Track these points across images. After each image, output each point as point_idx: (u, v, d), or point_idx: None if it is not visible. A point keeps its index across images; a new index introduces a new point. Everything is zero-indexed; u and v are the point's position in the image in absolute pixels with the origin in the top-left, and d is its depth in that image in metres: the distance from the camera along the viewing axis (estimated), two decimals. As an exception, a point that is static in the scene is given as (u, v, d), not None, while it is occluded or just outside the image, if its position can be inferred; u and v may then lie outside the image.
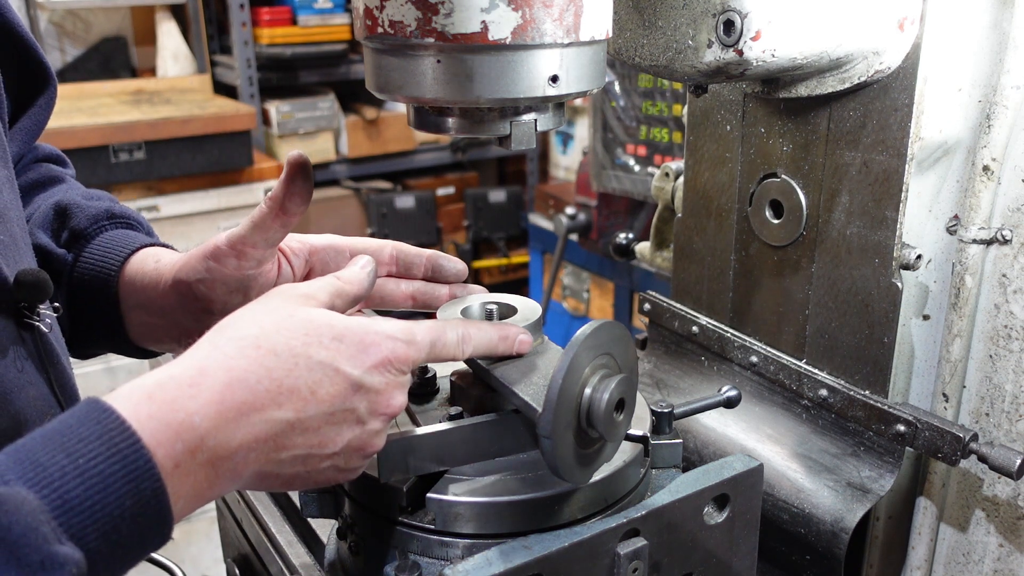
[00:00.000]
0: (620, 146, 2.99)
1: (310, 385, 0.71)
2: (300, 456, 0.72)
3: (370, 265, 0.87)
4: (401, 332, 0.77)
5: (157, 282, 1.01)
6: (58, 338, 0.94)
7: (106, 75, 4.12)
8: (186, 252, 1.02)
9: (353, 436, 0.74)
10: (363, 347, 0.74)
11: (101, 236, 1.07)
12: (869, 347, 1.04)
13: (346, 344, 0.73)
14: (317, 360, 0.72)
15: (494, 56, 0.74)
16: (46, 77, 1.04)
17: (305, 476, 0.74)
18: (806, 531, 1.06)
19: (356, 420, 0.74)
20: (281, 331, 0.72)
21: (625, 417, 0.77)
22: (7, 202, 0.90)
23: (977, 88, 0.99)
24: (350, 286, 0.83)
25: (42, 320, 0.87)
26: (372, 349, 0.74)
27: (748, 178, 1.15)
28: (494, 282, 4.85)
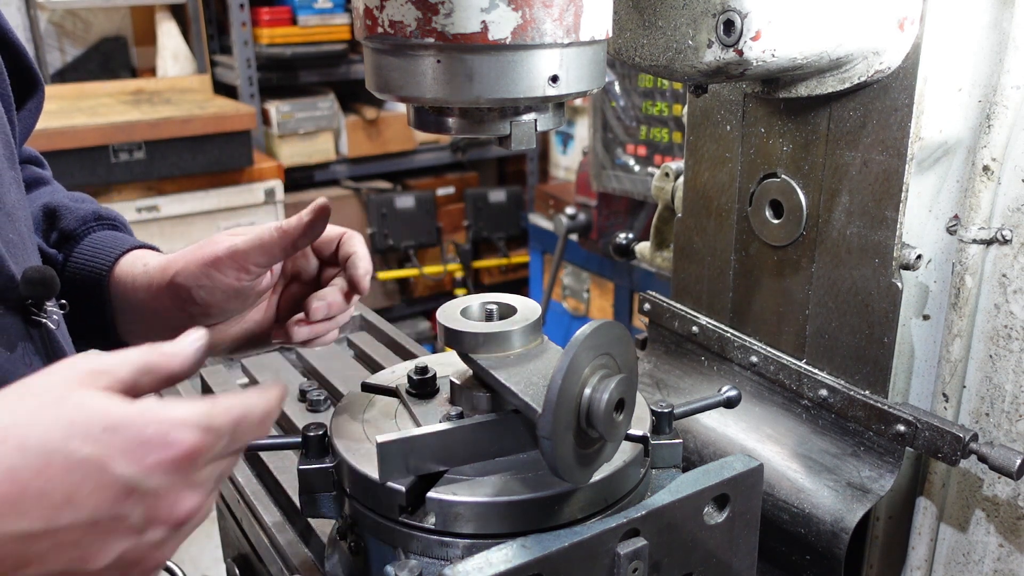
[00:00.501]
0: (620, 146, 2.99)
1: (65, 489, 0.59)
2: (55, 574, 0.60)
3: (201, 340, 0.71)
4: (196, 417, 0.64)
5: (148, 284, 1.02)
6: (65, 335, 0.94)
7: (106, 75, 4.12)
8: (177, 253, 1.02)
9: (127, 549, 0.62)
10: (142, 440, 0.61)
11: (89, 237, 1.08)
12: (869, 347, 1.04)
13: (120, 436, 0.60)
14: (78, 458, 0.59)
15: (494, 56, 0.74)
16: (35, 81, 1.05)
17: None
18: (806, 531, 1.06)
19: (129, 530, 0.61)
20: (39, 421, 0.59)
21: (625, 417, 0.77)
22: (15, 202, 0.90)
23: (977, 88, 0.99)
24: (167, 360, 0.68)
25: (49, 317, 0.88)
26: (154, 442, 0.61)
27: (748, 178, 1.15)
28: (494, 282, 4.85)
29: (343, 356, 1.46)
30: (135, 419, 0.61)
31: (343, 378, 1.35)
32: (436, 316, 0.92)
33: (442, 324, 0.90)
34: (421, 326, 4.74)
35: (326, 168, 4.31)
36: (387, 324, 1.53)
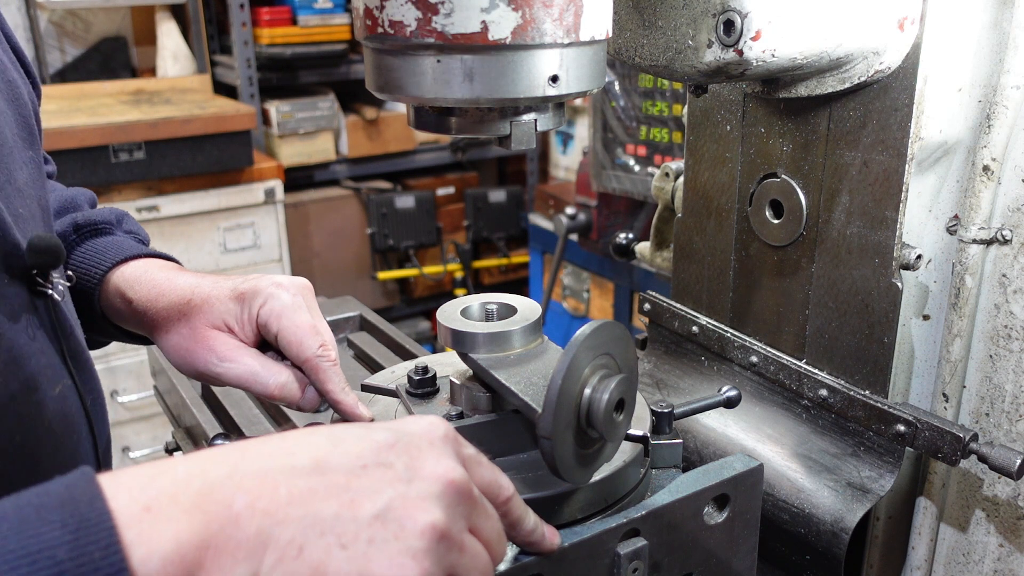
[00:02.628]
0: (620, 146, 2.99)
1: (336, 438, 0.62)
2: (328, 519, 0.57)
3: (543, 536, 0.73)
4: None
5: (156, 300, 1.01)
6: (71, 309, 0.94)
7: (106, 75, 4.12)
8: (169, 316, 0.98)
9: (393, 497, 0.59)
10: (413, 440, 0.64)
11: (71, 259, 1.07)
12: (869, 347, 1.04)
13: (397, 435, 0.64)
14: (352, 431, 0.63)
15: (494, 56, 0.74)
16: (34, 85, 1.06)
17: (345, 560, 0.57)
18: (806, 531, 1.06)
19: (395, 477, 0.60)
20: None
21: (625, 417, 0.77)
22: (28, 180, 0.90)
23: (977, 88, 0.99)
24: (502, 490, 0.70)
25: (55, 288, 0.87)
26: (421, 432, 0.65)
27: (748, 178, 1.15)
28: (494, 282, 4.85)
29: (343, 356, 1.46)
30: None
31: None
32: (436, 316, 0.92)
33: (442, 324, 0.90)
34: (421, 326, 4.74)
35: (326, 168, 4.31)
36: (387, 324, 1.53)
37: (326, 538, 0.56)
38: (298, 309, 0.94)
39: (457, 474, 0.63)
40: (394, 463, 0.61)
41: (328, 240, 4.31)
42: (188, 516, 0.53)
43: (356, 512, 0.58)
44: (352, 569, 0.56)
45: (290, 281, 0.96)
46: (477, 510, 0.65)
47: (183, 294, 0.98)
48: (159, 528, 0.52)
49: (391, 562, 0.57)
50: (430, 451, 0.63)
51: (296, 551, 0.55)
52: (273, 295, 0.94)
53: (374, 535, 0.57)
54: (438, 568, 0.59)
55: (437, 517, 0.60)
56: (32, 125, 0.97)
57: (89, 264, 1.06)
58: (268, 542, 0.55)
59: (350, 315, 1.56)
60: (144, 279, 1.04)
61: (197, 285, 0.98)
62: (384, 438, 0.62)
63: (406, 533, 0.58)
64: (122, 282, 1.05)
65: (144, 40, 4.26)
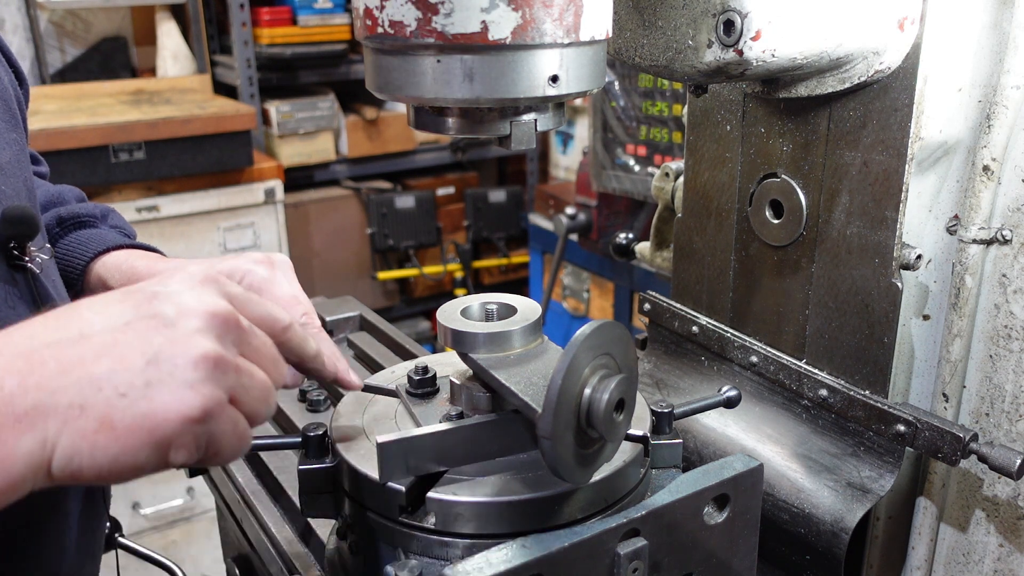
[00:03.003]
0: (620, 146, 2.99)
1: (97, 307, 0.65)
2: (103, 376, 0.61)
3: (324, 361, 0.80)
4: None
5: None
6: (53, 282, 0.94)
7: (106, 75, 4.12)
8: None
9: (163, 341, 0.63)
10: (166, 277, 0.70)
11: (56, 251, 1.08)
12: (869, 347, 1.04)
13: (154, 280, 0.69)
14: (115, 295, 0.66)
15: (494, 56, 0.74)
16: (19, 78, 1.06)
17: (127, 406, 0.61)
18: (806, 531, 1.06)
19: (161, 323, 0.64)
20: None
21: (625, 417, 0.77)
22: (10, 160, 0.91)
23: (977, 88, 0.99)
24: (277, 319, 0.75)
25: (32, 260, 0.87)
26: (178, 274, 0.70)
27: (748, 178, 1.15)
28: (494, 282, 4.85)
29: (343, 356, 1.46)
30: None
31: (343, 378, 1.35)
32: (436, 316, 0.92)
33: (442, 324, 0.90)
34: (421, 326, 4.74)
35: (326, 168, 4.31)
36: (387, 324, 1.53)
37: (104, 392, 0.60)
38: (276, 282, 0.94)
39: (219, 307, 0.66)
40: (156, 313, 0.64)
41: (328, 240, 4.31)
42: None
43: (128, 363, 0.61)
44: (136, 412, 0.60)
45: (265, 256, 0.97)
46: (245, 336, 0.68)
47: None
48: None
49: (172, 396, 0.61)
50: (190, 294, 0.66)
51: (78, 411, 0.59)
52: (250, 271, 0.94)
53: (150, 378, 0.61)
54: (219, 391, 0.64)
55: (207, 347, 0.64)
56: (15, 110, 0.97)
57: (72, 255, 1.07)
58: (47, 411, 0.59)
59: (350, 315, 1.56)
60: (124, 268, 1.04)
61: (176, 269, 0.98)
62: (144, 294, 0.66)
63: (179, 369, 0.62)
64: (104, 272, 1.05)
65: (144, 40, 4.26)
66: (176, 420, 0.62)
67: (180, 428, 0.62)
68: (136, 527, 3.43)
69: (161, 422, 0.61)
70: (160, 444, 0.62)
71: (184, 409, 0.62)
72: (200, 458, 0.65)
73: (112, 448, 0.60)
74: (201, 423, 0.63)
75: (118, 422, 0.60)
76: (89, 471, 0.61)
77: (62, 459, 0.60)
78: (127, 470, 0.62)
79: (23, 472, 0.59)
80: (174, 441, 0.62)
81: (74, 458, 0.60)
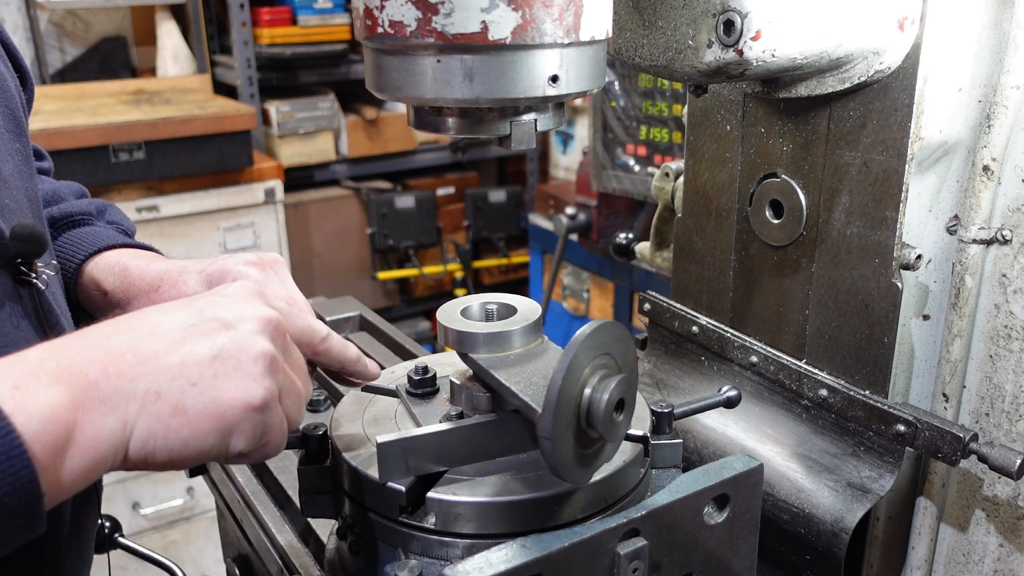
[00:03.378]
0: (620, 146, 2.99)
1: (164, 311, 0.72)
2: (175, 367, 0.67)
3: (366, 365, 0.87)
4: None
5: (128, 290, 1.01)
6: (58, 298, 0.94)
7: (106, 75, 4.12)
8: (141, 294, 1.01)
9: (226, 340, 0.70)
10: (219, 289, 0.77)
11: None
12: (869, 347, 1.04)
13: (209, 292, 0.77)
14: (177, 303, 0.74)
15: (494, 56, 0.74)
16: (24, 79, 1.05)
17: (198, 394, 0.68)
18: (806, 531, 1.06)
19: (223, 324, 0.71)
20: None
21: (625, 417, 0.77)
22: (14, 171, 0.90)
23: (977, 88, 0.99)
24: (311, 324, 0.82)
25: (39, 277, 0.87)
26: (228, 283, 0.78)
27: (748, 178, 1.15)
28: (494, 282, 4.85)
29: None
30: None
31: (343, 378, 1.35)
32: (436, 316, 0.92)
33: (442, 324, 0.90)
34: (421, 326, 4.74)
35: (326, 168, 4.31)
36: (387, 324, 1.53)
37: (177, 381, 0.67)
38: (269, 284, 0.95)
39: (272, 314, 0.75)
40: (217, 316, 0.72)
41: (328, 240, 4.31)
42: (53, 387, 0.62)
43: (197, 357, 0.68)
44: (207, 398, 0.68)
45: (258, 257, 0.98)
46: (289, 348, 0.77)
47: (152, 282, 0.99)
48: (30, 399, 0.60)
49: (237, 386, 0.69)
50: (246, 303, 0.75)
51: (155, 396, 0.66)
52: (242, 273, 0.95)
53: (217, 370, 0.69)
54: (275, 385, 0.72)
55: (265, 346, 0.72)
56: (20, 117, 0.96)
57: (64, 257, 1.06)
58: (128, 395, 0.65)
59: (350, 315, 1.56)
60: (116, 269, 1.04)
61: (166, 271, 1.00)
62: (205, 302, 0.74)
63: (243, 363, 0.70)
64: (96, 273, 1.05)
65: (144, 40, 4.26)
66: (240, 407, 0.69)
67: (243, 415, 0.69)
68: (136, 527, 3.43)
69: (228, 409, 0.68)
70: (225, 429, 0.69)
71: (248, 397, 0.69)
72: (254, 447, 0.72)
73: (184, 431, 0.67)
74: (260, 412, 0.70)
75: (190, 408, 0.67)
76: (161, 453, 0.67)
77: (138, 441, 0.66)
78: (193, 454, 0.68)
79: (107, 451, 0.64)
80: (237, 427, 0.69)
81: (149, 440, 0.66)
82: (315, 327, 0.82)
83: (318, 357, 0.83)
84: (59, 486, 0.62)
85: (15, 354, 0.64)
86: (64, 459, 0.61)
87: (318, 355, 0.82)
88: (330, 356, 0.83)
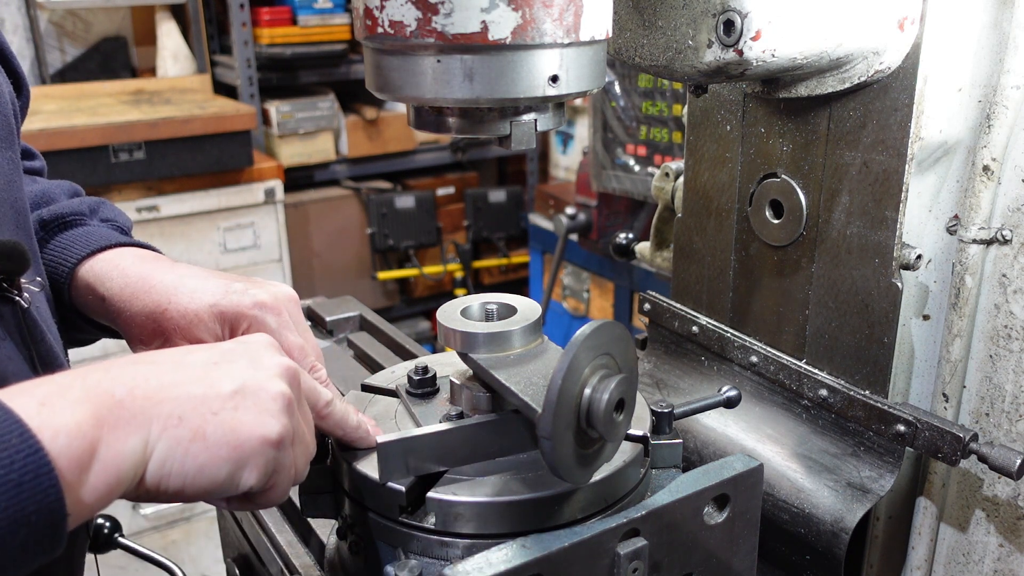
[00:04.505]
0: (620, 146, 2.99)
1: (190, 348, 0.76)
2: (198, 397, 0.69)
3: (366, 433, 0.87)
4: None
5: (130, 301, 0.98)
6: (43, 315, 0.92)
7: (106, 75, 4.12)
8: (133, 306, 0.97)
9: (248, 377, 0.73)
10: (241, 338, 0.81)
11: (43, 256, 1.04)
12: (869, 347, 1.04)
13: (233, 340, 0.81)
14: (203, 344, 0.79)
15: (494, 56, 0.74)
16: (20, 84, 1.03)
17: (219, 423, 0.70)
18: (806, 531, 1.06)
19: (246, 362, 0.74)
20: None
21: (625, 417, 0.77)
22: (1, 182, 0.88)
23: (977, 88, 0.99)
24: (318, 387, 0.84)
25: (21, 295, 0.85)
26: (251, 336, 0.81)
27: (748, 178, 1.15)
28: (494, 282, 4.85)
29: (343, 356, 1.46)
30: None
31: (343, 378, 1.35)
32: (436, 316, 0.92)
33: (442, 324, 0.90)
34: (421, 326, 4.74)
35: (326, 168, 4.31)
36: (387, 324, 1.53)
37: (199, 409, 0.69)
38: (284, 330, 0.94)
39: (290, 364, 0.78)
40: (239, 359, 0.75)
41: (328, 240, 4.31)
42: (79, 405, 0.63)
43: (219, 390, 0.71)
44: (226, 427, 0.70)
45: (273, 299, 0.94)
46: (302, 400, 0.79)
47: (159, 301, 0.95)
48: (57, 415, 0.61)
49: (256, 420, 0.71)
50: (266, 352, 0.78)
51: (177, 420, 0.68)
52: (257, 319, 0.93)
53: (238, 404, 0.71)
54: (291, 425, 0.74)
55: (284, 388, 0.75)
56: (12, 126, 0.94)
57: (56, 261, 1.02)
58: (152, 417, 0.67)
59: (350, 315, 1.56)
60: (115, 274, 0.99)
61: (174, 292, 0.95)
62: (228, 346, 0.77)
63: (262, 400, 0.72)
64: (91, 277, 1.00)
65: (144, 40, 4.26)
66: (258, 440, 0.71)
67: (259, 448, 0.71)
68: (136, 527, 3.43)
69: (245, 439, 0.70)
70: (240, 460, 0.70)
71: (265, 431, 0.71)
72: (263, 485, 0.73)
73: (201, 456, 0.68)
74: (275, 447, 0.72)
75: (210, 435, 0.69)
76: (176, 477, 0.68)
77: (156, 462, 0.67)
78: (206, 482, 0.69)
79: (128, 471, 0.65)
80: (251, 460, 0.71)
81: (167, 463, 0.67)
82: (320, 391, 0.83)
83: (321, 421, 0.84)
84: (81, 505, 0.62)
85: (42, 378, 0.66)
86: (88, 476, 0.62)
87: (322, 419, 0.83)
88: (332, 420, 0.85)
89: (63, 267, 1.02)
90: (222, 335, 0.94)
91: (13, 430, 0.58)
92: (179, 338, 0.94)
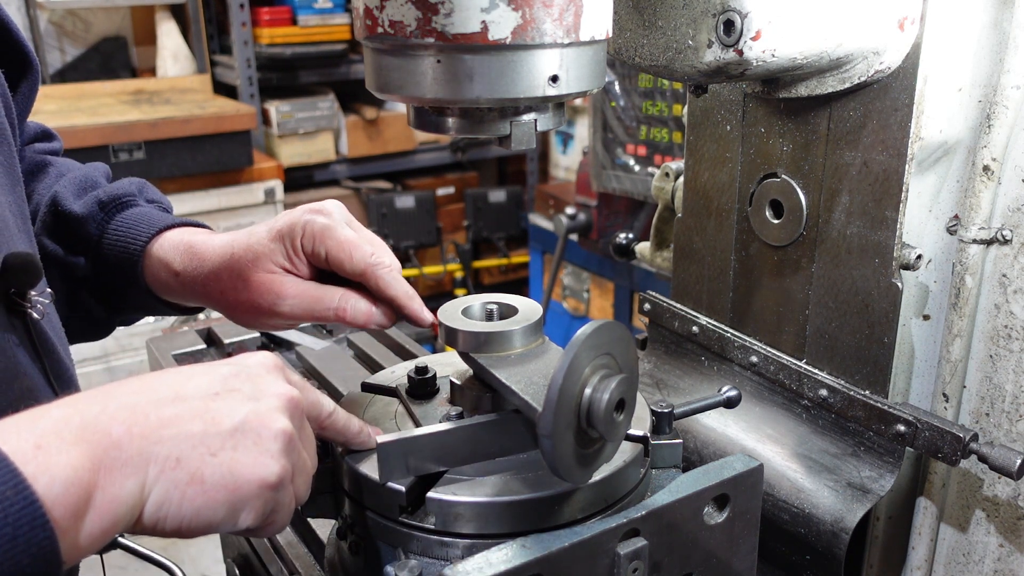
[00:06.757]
0: (620, 146, 3.00)
1: (189, 374, 0.73)
2: (197, 435, 0.68)
3: (368, 436, 0.86)
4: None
5: (199, 268, 1.02)
6: (54, 326, 0.93)
7: (106, 75, 4.12)
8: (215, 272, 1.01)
9: (248, 411, 0.71)
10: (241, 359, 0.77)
11: (105, 238, 1.07)
12: (869, 347, 1.04)
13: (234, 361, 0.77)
14: (200, 368, 0.74)
15: (494, 56, 0.74)
16: (28, 61, 1.03)
17: (217, 465, 0.68)
18: (806, 531, 1.06)
19: (245, 397, 0.72)
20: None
21: (625, 417, 0.77)
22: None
23: (977, 88, 0.99)
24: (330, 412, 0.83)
25: (34, 307, 0.86)
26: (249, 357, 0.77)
27: (748, 178, 1.15)
28: (494, 282, 4.85)
29: (343, 356, 1.46)
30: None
31: (343, 378, 1.35)
32: (437, 316, 0.92)
33: (443, 324, 0.90)
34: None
35: (326, 168, 4.32)
36: (387, 324, 1.53)
37: (198, 450, 0.67)
38: (338, 226, 0.95)
39: (292, 392, 0.75)
40: (240, 388, 0.72)
41: (328, 240, 4.30)
42: (75, 447, 0.61)
43: (219, 428, 0.69)
44: (224, 471, 0.68)
45: (321, 205, 0.98)
46: (304, 425, 0.78)
47: (223, 253, 0.99)
48: (52, 460, 0.60)
49: (255, 461, 0.69)
50: (268, 376, 0.75)
51: (175, 462, 0.66)
52: (310, 221, 0.96)
53: (237, 443, 0.69)
54: (290, 464, 0.72)
55: (285, 424, 0.72)
56: (3, 122, 0.93)
57: (125, 240, 1.06)
58: (149, 458, 0.65)
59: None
60: (182, 249, 1.04)
61: (233, 240, 1.00)
62: (228, 370, 0.74)
63: (263, 439, 0.70)
64: (164, 254, 1.05)
65: (144, 40, 4.26)
66: (256, 483, 0.69)
67: (257, 491, 0.69)
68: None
69: (244, 483, 0.69)
70: (237, 503, 0.69)
71: (264, 475, 0.70)
72: (261, 524, 0.72)
73: (198, 500, 0.67)
74: (273, 489, 0.71)
75: (208, 478, 0.67)
76: (172, 520, 0.67)
77: (153, 505, 0.66)
78: (203, 524, 0.68)
79: (124, 514, 0.64)
80: (248, 503, 0.69)
81: (164, 505, 0.66)
82: (323, 403, 0.83)
83: (324, 431, 0.83)
84: (76, 549, 0.61)
85: (38, 408, 0.64)
86: (83, 523, 0.61)
87: (324, 429, 0.83)
88: (335, 429, 0.84)
89: (134, 246, 1.06)
90: (287, 251, 0.96)
91: (8, 481, 0.57)
92: (253, 271, 0.96)
